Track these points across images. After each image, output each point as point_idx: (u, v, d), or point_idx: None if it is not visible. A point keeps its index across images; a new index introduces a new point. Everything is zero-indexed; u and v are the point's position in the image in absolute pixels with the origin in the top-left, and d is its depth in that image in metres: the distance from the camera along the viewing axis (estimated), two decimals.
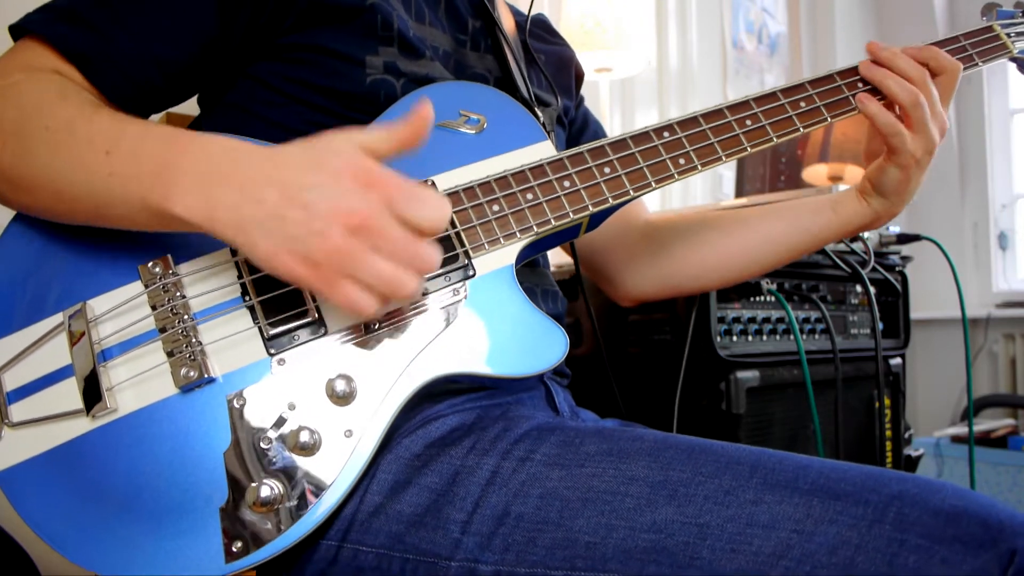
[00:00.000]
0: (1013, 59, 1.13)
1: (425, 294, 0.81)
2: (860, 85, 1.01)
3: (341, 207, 0.66)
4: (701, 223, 1.20)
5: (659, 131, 0.92)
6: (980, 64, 1.08)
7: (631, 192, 0.89)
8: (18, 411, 0.75)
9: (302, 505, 0.73)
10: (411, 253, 0.68)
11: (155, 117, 1.29)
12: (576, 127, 1.25)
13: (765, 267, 1.18)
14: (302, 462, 0.74)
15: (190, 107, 1.01)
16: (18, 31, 0.82)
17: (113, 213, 0.74)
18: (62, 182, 0.75)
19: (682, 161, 0.92)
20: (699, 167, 0.92)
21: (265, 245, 0.67)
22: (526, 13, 1.18)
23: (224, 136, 0.73)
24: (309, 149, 0.70)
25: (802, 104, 0.98)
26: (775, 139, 0.96)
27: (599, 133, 1.28)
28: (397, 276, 0.68)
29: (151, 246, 0.78)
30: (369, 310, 0.69)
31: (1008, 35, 1.10)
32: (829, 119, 0.99)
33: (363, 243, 0.67)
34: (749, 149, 0.95)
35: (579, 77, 1.28)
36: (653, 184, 0.90)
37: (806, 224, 1.14)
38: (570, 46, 1.28)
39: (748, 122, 0.96)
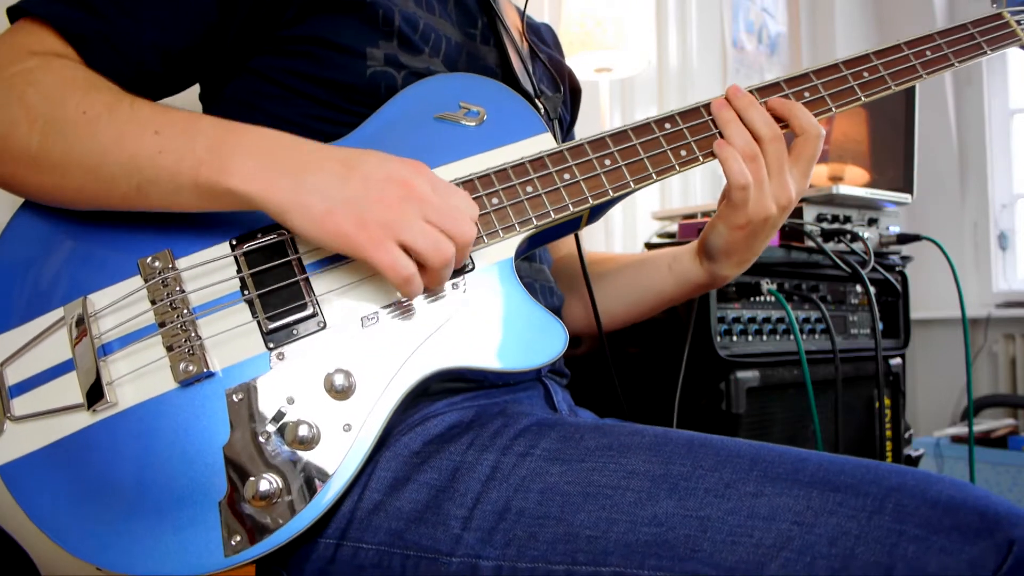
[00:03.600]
0: (1023, 46, 1.10)
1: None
2: (865, 75, 0.99)
3: (397, 177, 0.74)
4: (572, 271, 1.18)
5: (660, 122, 0.92)
6: (988, 52, 1.05)
7: (631, 184, 0.89)
8: (20, 405, 0.75)
9: (301, 499, 0.73)
10: (456, 221, 0.75)
11: None
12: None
13: (622, 319, 1.16)
14: (301, 456, 0.74)
15: (194, 104, 1.01)
16: (17, 12, 0.82)
17: (156, 191, 0.75)
18: (103, 160, 0.75)
19: (683, 153, 0.91)
20: (700, 159, 0.92)
21: (321, 205, 0.72)
22: (529, 15, 1.18)
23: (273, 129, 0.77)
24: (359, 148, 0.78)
25: (806, 94, 0.97)
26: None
27: None
28: (441, 239, 0.74)
29: (151, 240, 0.78)
30: (407, 271, 0.74)
31: (1019, 22, 1.07)
32: (834, 109, 0.96)
33: (414, 209, 0.74)
34: None
35: (576, 92, 1.28)
36: (654, 176, 0.90)
37: (644, 279, 1.12)
38: (568, 67, 1.27)
39: None
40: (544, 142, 0.89)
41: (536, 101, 1.03)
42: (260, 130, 0.76)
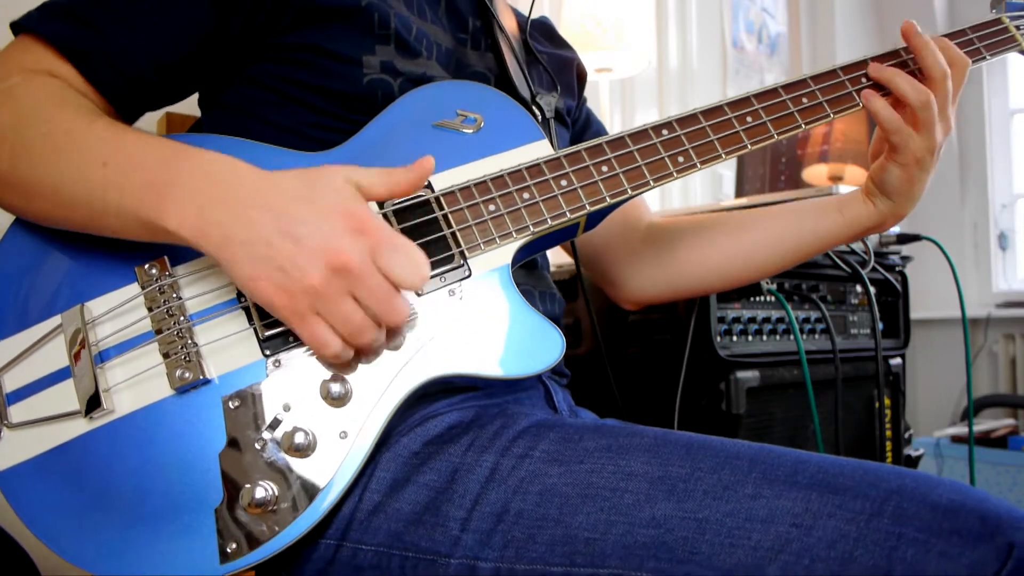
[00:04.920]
0: (1023, 51, 1.11)
1: (420, 295, 0.80)
2: (864, 80, 1.00)
3: (329, 246, 0.69)
4: (704, 224, 1.18)
5: (658, 129, 0.92)
6: (988, 57, 1.07)
7: (629, 191, 0.88)
8: (17, 412, 0.75)
9: (297, 506, 0.73)
10: (385, 303, 0.70)
11: (154, 116, 1.29)
12: (579, 127, 1.25)
13: (769, 270, 1.17)
14: (297, 464, 0.74)
15: (190, 107, 1.01)
16: (16, 29, 0.83)
17: (107, 223, 0.75)
18: (59, 189, 0.75)
19: (681, 159, 0.91)
20: (698, 165, 0.91)
21: (248, 268, 0.69)
22: (527, 15, 1.18)
23: (221, 154, 0.74)
24: (305, 180, 0.72)
25: (804, 100, 0.97)
26: (776, 136, 0.95)
27: (600, 134, 1.27)
28: (363, 324, 0.71)
29: (149, 248, 0.78)
30: (331, 349, 0.71)
31: (1018, 27, 1.08)
32: (831, 115, 0.98)
33: (341, 285, 0.69)
34: (749, 146, 0.94)
35: (581, 77, 1.28)
36: (651, 183, 0.89)
37: (811, 226, 1.12)
38: (573, 49, 1.27)
39: (748, 119, 0.94)
40: (541, 149, 0.89)
41: (533, 108, 1.03)
42: (199, 160, 0.73)
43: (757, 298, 1.57)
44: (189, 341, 0.76)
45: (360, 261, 0.69)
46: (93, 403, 0.73)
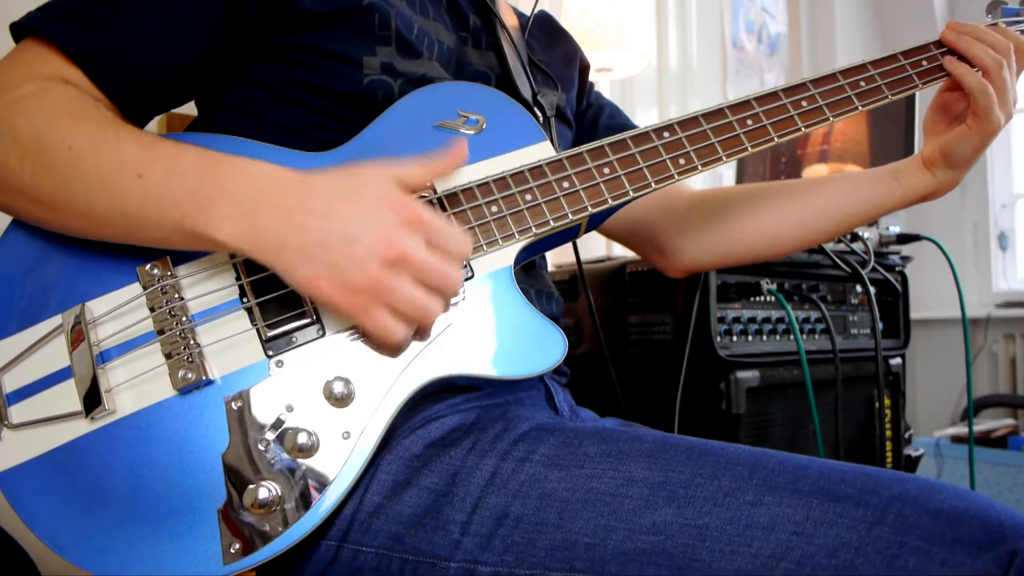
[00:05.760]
0: None
1: None
2: (862, 84, 1.00)
3: (385, 239, 0.71)
4: (758, 192, 1.20)
5: (659, 131, 0.92)
6: None
7: (631, 193, 0.88)
8: (18, 412, 0.75)
9: (300, 507, 0.73)
10: (444, 277, 0.74)
11: (156, 118, 1.29)
12: (591, 114, 1.25)
13: (823, 237, 1.18)
14: (300, 464, 0.74)
15: (191, 107, 1.01)
16: (20, 30, 0.82)
17: (147, 235, 0.76)
18: (90, 203, 0.75)
19: (682, 161, 0.91)
20: (699, 167, 0.92)
21: (305, 271, 0.71)
22: (528, 13, 1.17)
23: (257, 160, 0.75)
24: (347, 178, 0.74)
25: (804, 103, 0.98)
26: (776, 139, 0.96)
27: (616, 115, 1.27)
28: (429, 302, 0.74)
29: (151, 248, 0.78)
30: (398, 336, 0.74)
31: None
32: (831, 118, 0.98)
33: (402, 274, 0.72)
34: (750, 149, 0.94)
35: (584, 69, 1.28)
36: (653, 184, 0.90)
37: (867, 194, 1.13)
38: (574, 40, 1.27)
39: (749, 122, 0.95)
40: (543, 150, 0.89)
41: (535, 109, 1.03)
42: (238, 168, 0.74)
43: (757, 298, 1.57)
44: (191, 342, 0.75)
45: (416, 248, 0.72)
46: (94, 403, 0.73)
